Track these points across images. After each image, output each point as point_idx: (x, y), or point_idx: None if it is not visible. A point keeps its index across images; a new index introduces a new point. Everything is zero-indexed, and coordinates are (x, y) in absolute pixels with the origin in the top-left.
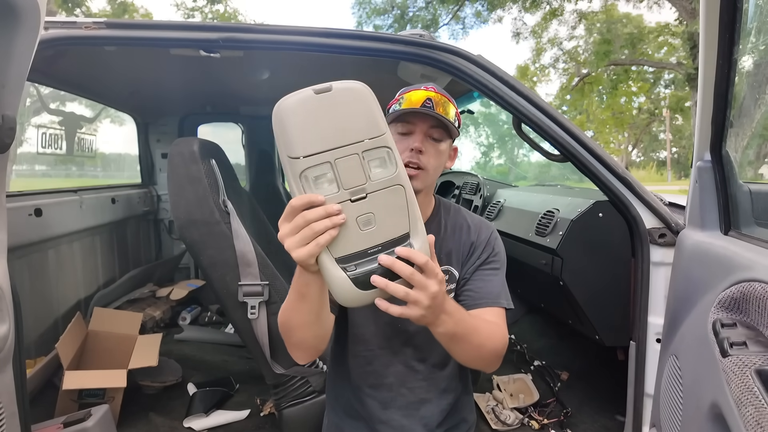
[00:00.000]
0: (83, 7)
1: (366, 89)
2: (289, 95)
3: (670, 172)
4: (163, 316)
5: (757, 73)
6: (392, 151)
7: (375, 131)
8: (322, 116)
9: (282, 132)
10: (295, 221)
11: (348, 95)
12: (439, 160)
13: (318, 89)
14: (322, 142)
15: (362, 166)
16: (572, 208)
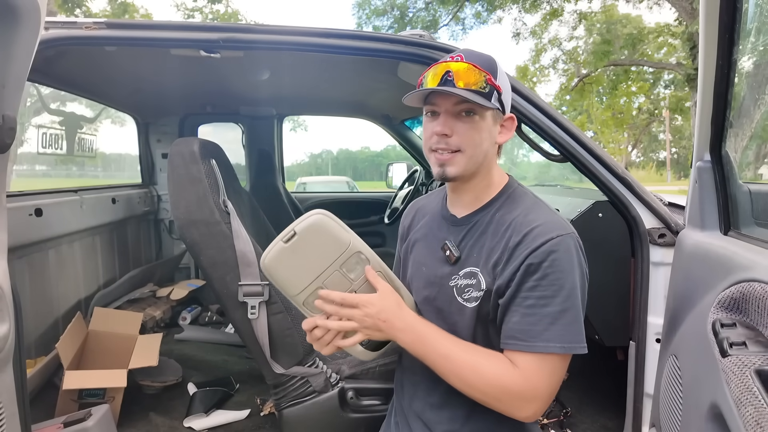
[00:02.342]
0: (83, 8)
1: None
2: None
3: (670, 172)
4: (163, 316)
5: (756, 74)
6: (362, 252)
7: (341, 248)
8: (297, 258)
9: (275, 282)
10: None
11: (310, 232)
12: (478, 136)
13: (285, 238)
14: (307, 276)
15: (343, 275)
16: (572, 208)
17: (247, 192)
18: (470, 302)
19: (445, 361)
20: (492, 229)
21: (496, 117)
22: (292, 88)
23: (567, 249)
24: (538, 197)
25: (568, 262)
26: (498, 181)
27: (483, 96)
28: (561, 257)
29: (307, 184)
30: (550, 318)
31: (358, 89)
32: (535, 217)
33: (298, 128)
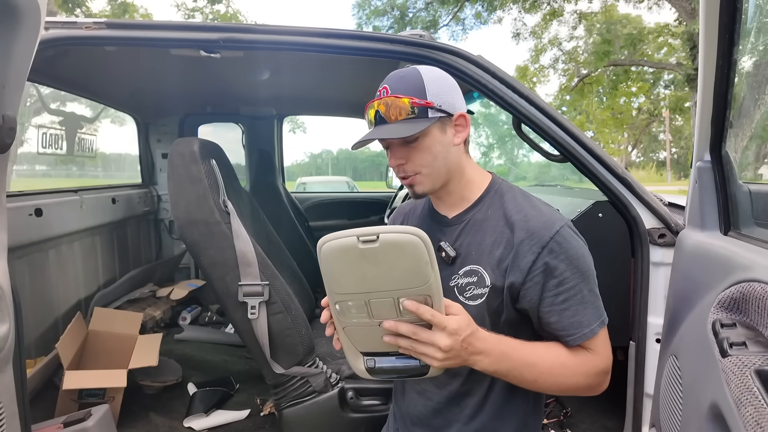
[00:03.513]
0: (83, 8)
1: (416, 243)
2: (334, 236)
3: (670, 172)
4: (163, 316)
5: (756, 74)
6: (431, 297)
7: (417, 282)
8: (362, 265)
9: (324, 269)
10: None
11: (394, 249)
12: (429, 155)
13: (364, 237)
14: (358, 285)
15: (395, 306)
16: (572, 209)
17: (247, 192)
18: (474, 300)
19: (532, 369)
20: (488, 225)
21: (443, 125)
22: (292, 88)
23: (571, 237)
24: (526, 192)
25: (579, 248)
26: (480, 177)
27: (414, 121)
28: (571, 247)
29: (307, 184)
30: (584, 304)
31: (358, 89)
32: (532, 212)
33: (297, 129)
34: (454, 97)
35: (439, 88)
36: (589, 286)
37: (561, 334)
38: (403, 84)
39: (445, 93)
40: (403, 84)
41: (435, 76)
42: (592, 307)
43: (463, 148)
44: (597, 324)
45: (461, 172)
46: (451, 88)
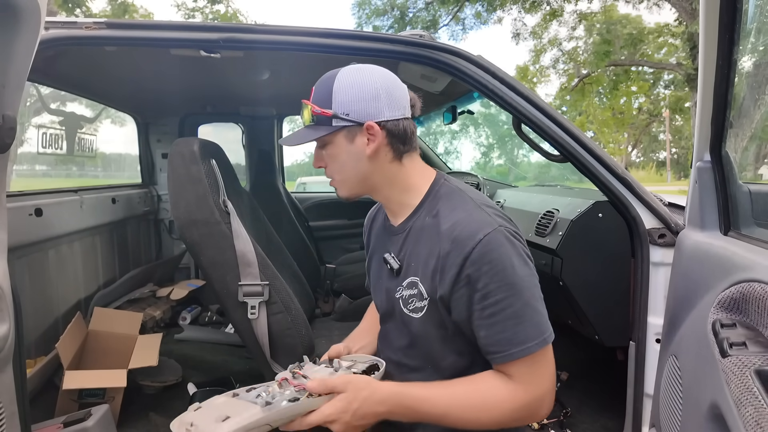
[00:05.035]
0: (83, 8)
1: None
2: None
3: (670, 172)
4: (163, 316)
5: (756, 74)
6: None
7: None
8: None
9: None
10: None
11: None
12: (338, 163)
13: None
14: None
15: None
16: (572, 209)
17: (247, 192)
18: (416, 313)
19: (446, 418)
20: (425, 234)
21: (351, 134)
22: (292, 88)
23: (499, 244)
24: (464, 192)
25: (505, 256)
26: (422, 181)
27: (315, 128)
28: (495, 256)
29: (307, 184)
30: (513, 320)
31: None
32: (459, 218)
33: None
34: (369, 105)
35: (349, 96)
36: (523, 299)
37: (488, 350)
38: (318, 88)
39: (357, 101)
40: (318, 88)
41: (349, 83)
42: (528, 323)
43: (389, 156)
44: (533, 343)
45: (388, 182)
46: (368, 95)
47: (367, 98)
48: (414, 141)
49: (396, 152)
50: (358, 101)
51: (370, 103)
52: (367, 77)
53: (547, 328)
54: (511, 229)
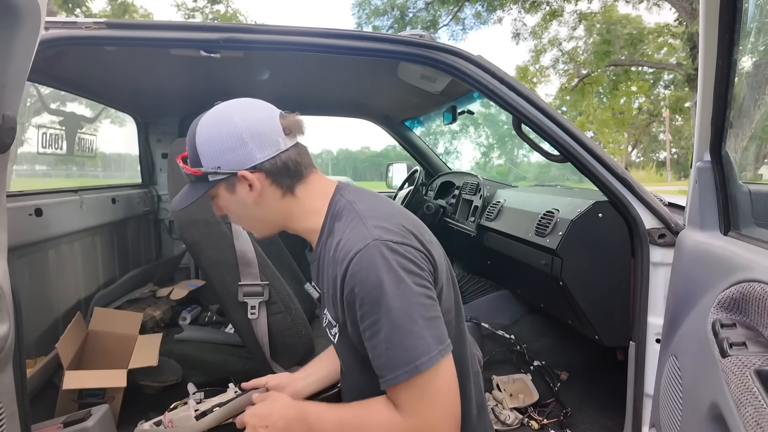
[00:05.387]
0: (83, 8)
1: None
2: None
3: (670, 172)
4: (163, 316)
5: (756, 74)
6: None
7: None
8: None
9: None
10: None
11: None
12: (231, 213)
13: None
14: None
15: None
16: (572, 209)
17: None
18: (335, 338)
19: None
20: (326, 259)
21: (230, 185)
22: (292, 88)
23: (369, 261)
24: (353, 204)
25: (374, 274)
26: (319, 206)
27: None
28: (365, 275)
29: None
30: (385, 344)
31: (358, 89)
32: (342, 237)
33: None
34: (236, 153)
35: (214, 149)
36: (391, 321)
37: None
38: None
39: (223, 152)
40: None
41: (211, 136)
42: (398, 348)
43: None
44: (402, 371)
45: (289, 215)
46: (232, 144)
47: (233, 147)
48: (302, 168)
49: (283, 188)
50: (224, 152)
51: (237, 152)
52: (228, 124)
53: (424, 352)
54: (390, 241)
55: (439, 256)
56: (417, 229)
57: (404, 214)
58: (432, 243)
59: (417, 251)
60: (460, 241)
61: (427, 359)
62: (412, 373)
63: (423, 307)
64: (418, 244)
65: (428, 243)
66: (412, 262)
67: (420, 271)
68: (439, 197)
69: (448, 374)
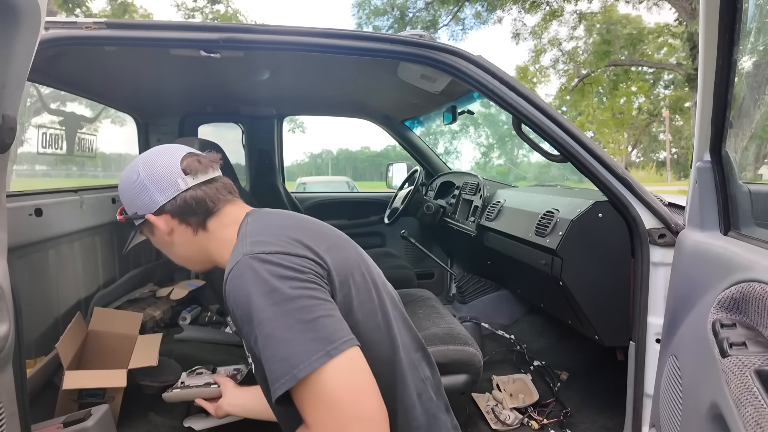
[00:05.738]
0: (83, 7)
1: None
2: None
3: (670, 172)
4: (163, 316)
5: (756, 74)
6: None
7: None
8: None
9: None
10: None
11: None
12: (161, 248)
13: None
14: None
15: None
16: (572, 209)
17: (247, 192)
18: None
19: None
20: None
21: (148, 229)
22: (292, 88)
23: (239, 277)
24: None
25: (243, 290)
26: (230, 236)
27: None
28: (237, 292)
29: (306, 184)
30: (264, 358)
31: (358, 89)
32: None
33: (297, 129)
34: (142, 199)
35: (128, 196)
36: (265, 333)
37: None
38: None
39: (134, 198)
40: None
41: (123, 186)
42: (274, 359)
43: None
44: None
45: (206, 249)
46: (138, 191)
47: (139, 194)
48: (207, 204)
49: (193, 225)
50: (135, 199)
51: (142, 198)
52: (133, 173)
53: (302, 359)
54: (261, 252)
55: (343, 261)
56: (314, 237)
57: (303, 226)
58: (332, 249)
59: (297, 257)
60: (460, 241)
61: (306, 365)
62: (290, 383)
63: (303, 310)
64: (304, 251)
65: (324, 251)
66: (287, 268)
67: (300, 274)
68: (439, 197)
69: (342, 374)
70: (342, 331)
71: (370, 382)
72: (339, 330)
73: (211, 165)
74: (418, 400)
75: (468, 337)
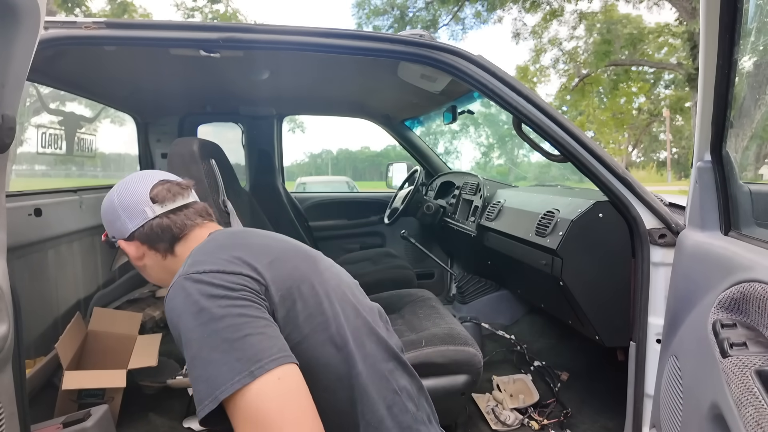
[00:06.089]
0: (83, 7)
1: None
2: None
3: (670, 172)
4: (162, 316)
5: (757, 74)
6: None
7: None
8: None
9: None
10: None
11: None
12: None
13: None
14: None
15: None
16: (572, 209)
17: (247, 192)
18: None
19: None
20: None
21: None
22: (292, 88)
23: (173, 298)
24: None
25: (175, 312)
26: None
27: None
28: (170, 313)
29: (306, 184)
30: (191, 378)
31: (358, 89)
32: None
33: (297, 129)
34: (115, 225)
35: (107, 219)
36: (192, 354)
37: None
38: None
39: (112, 222)
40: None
41: (104, 209)
42: (199, 380)
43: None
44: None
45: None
46: (112, 217)
47: (114, 220)
48: (174, 231)
49: (161, 250)
50: (111, 223)
51: (116, 224)
52: (109, 199)
53: (226, 380)
54: (194, 273)
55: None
56: (256, 253)
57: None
58: (275, 263)
59: (230, 275)
60: (461, 241)
61: (228, 386)
62: (212, 406)
63: (229, 329)
64: (240, 267)
65: (265, 266)
66: (218, 286)
67: (231, 292)
68: (439, 197)
69: (267, 394)
70: (271, 349)
71: (304, 402)
72: (267, 348)
73: (182, 193)
74: (388, 413)
75: (468, 338)
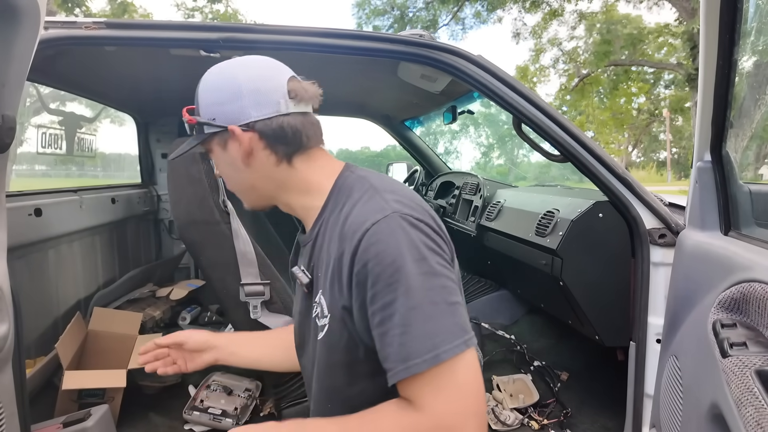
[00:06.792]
0: (83, 7)
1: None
2: None
3: (670, 172)
4: (163, 316)
5: (757, 74)
6: None
7: None
8: None
9: None
10: None
11: None
12: (224, 168)
13: None
14: None
15: None
16: (572, 209)
17: None
18: (322, 331)
19: None
20: (327, 237)
21: (223, 141)
22: None
23: (388, 233)
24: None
25: (393, 248)
26: (321, 182)
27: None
28: (382, 248)
29: None
30: (399, 328)
31: (358, 89)
32: (359, 208)
33: None
34: (231, 107)
35: (211, 98)
36: (411, 302)
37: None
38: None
39: (219, 103)
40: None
41: (210, 85)
42: (415, 334)
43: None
44: (420, 360)
45: (283, 186)
46: (228, 96)
47: (229, 99)
48: (302, 139)
49: (279, 154)
50: (220, 103)
51: (232, 105)
52: (229, 75)
53: (446, 340)
54: (412, 216)
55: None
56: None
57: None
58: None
59: (436, 232)
60: (460, 241)
61: (450, 348)
62: (432, 363)
63: (446, 291)
64: (437, 225)
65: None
66: (433, 240)
67: (441, 251)
68: (439, 197)
69: (473, 368)
70: (469, 322)
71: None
72: (468, 321)
73: (312, 99)
74: None
75: None
